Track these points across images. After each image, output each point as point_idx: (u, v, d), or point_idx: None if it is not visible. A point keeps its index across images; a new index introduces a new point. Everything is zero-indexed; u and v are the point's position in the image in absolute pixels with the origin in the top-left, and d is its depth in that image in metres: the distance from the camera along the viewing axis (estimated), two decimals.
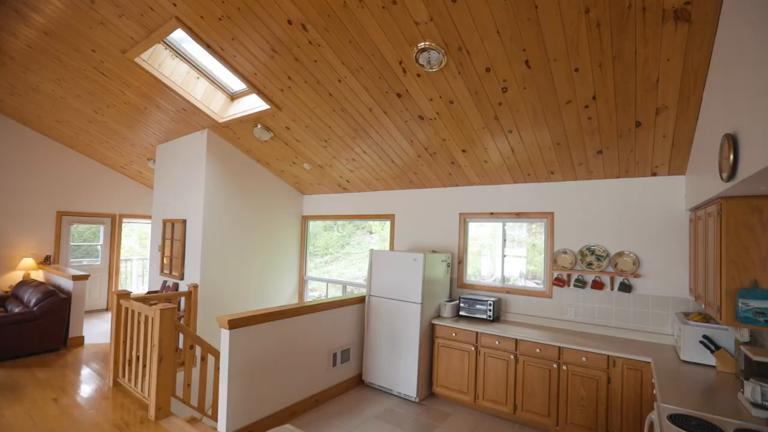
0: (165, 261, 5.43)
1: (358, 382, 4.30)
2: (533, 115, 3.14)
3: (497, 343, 3.58)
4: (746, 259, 2.16)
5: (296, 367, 3.54)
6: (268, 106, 3.95)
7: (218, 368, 3.60)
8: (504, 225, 4.39)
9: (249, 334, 3.12)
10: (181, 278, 5.07)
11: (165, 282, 5.34)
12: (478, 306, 4.03)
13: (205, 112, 4.39)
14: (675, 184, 3.37)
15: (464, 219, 4.60)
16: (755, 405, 1.95)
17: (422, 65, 2.88)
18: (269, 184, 5.73)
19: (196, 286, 4.74)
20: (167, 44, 3.91)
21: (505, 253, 4.38)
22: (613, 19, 2.23)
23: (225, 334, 2.98)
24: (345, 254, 6.62)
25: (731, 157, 1.76)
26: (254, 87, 3.67)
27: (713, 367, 2.66)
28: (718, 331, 2.68)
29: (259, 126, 4.39)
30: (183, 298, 4.63)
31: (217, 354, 3.62)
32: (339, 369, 4.04)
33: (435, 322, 4.01)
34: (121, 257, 7.83)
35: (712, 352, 2.63)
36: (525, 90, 2.90)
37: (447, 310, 4.13)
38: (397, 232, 5.15)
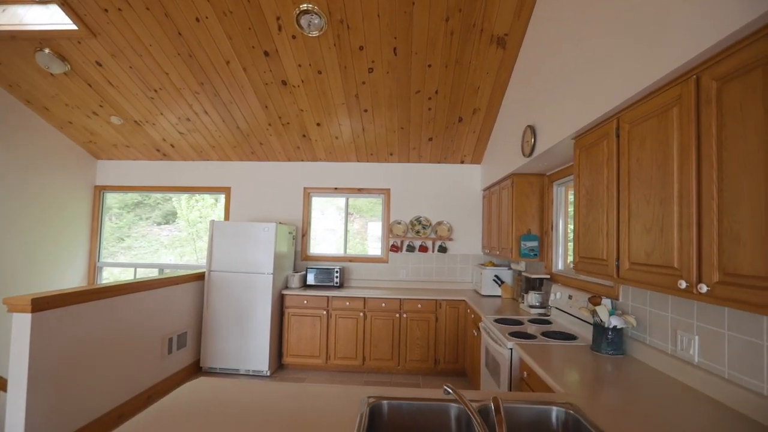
0: None
1: (196, 369, 3.78)
2: (388, 99, 3.62)
3: (347, 303, 3.91)
4: (524, 215, 3.24)
5: (123, 358, 2.85)
6: (74, 27, 2.99)
7: None
8: (347, 199, 4.78)
9: (60, 319, 2.33)
10: None
11: None
12: (325, 274, 4.25)
13: None
14: (474, 171, 4.57)
15: (308, 193, 4.73)
16: (532, 307, 2.99)
17: (302, 27, 2.89)
18: (45, 138, 4.22)
19: None
20: None
21: (348, 226, 4.78)
22: (462, 31, 2.91)
23: (23, 320, 2.13)
24: (125, 249, 5.62)
25: (532, 140, 2.64)
26: None
27: (500, 296, 3.81)
28: (502, 272, 3.85)
29: (47, 51, 3.23)
30: None
31: None
32: (175, 357, 3.47)
33: (285, 292, 3.99)
34: None
35: (499, 285, 3.77)
36: (387, 74, 3.33)
37: (295, 281, 4.18)
38: (234, 206, 4.77)
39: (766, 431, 1.21)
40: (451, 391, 1.12)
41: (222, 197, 5.05)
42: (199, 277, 3.84)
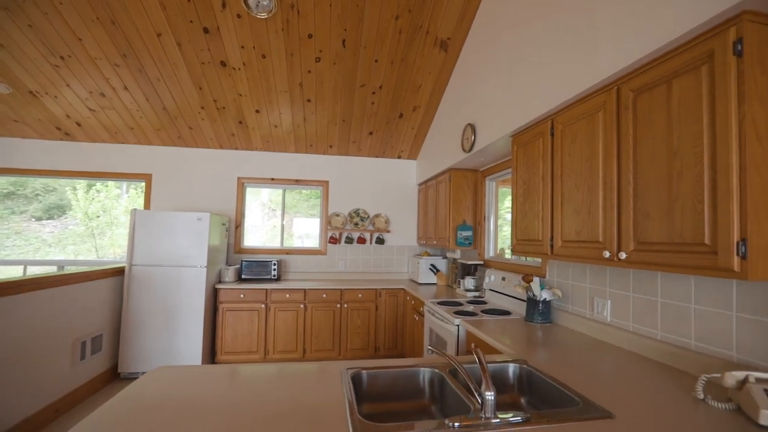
0: None
1: (113, 376, 3.36)
2: (333, 90, 3.64)
3: (287, 296, 3.84)
4: (460, 207, 3.53)
5: (23, 368, 2.44)
6: None
7: None
8: (284, 191, 4.66)
9: None
10: None
11: None
12: (261, 267, 4.10)
13: None
14: (410, 166, 4.80)
15: (243, 183, 4.51)
16: (468, 290, 3.28)
17: (249, 7, 2.78)
18: None
19: None
20: None
21: (284, 217, 4.65)
22: (410, 31, 3.07)
23: None
24: None
25: (472, 137, 2.91)
26: None
27: (436, 284, 4.08)
28: (437, 261, 4.13)
29: None
30: None
31: None
32: (89, 363, 3.04)
33: (219, 286, 3.77)
34: None
35: (435, 273, 4.04)
36: (334, 65, 3.36)
37: (229, 275, 3.96)
38: (156, 196, 4.32)
39: (659, 365, 1.56)
40: (433, 350, 1.24)
41: (127, 186, 4.56)
42: (118, 272, 3.43)
